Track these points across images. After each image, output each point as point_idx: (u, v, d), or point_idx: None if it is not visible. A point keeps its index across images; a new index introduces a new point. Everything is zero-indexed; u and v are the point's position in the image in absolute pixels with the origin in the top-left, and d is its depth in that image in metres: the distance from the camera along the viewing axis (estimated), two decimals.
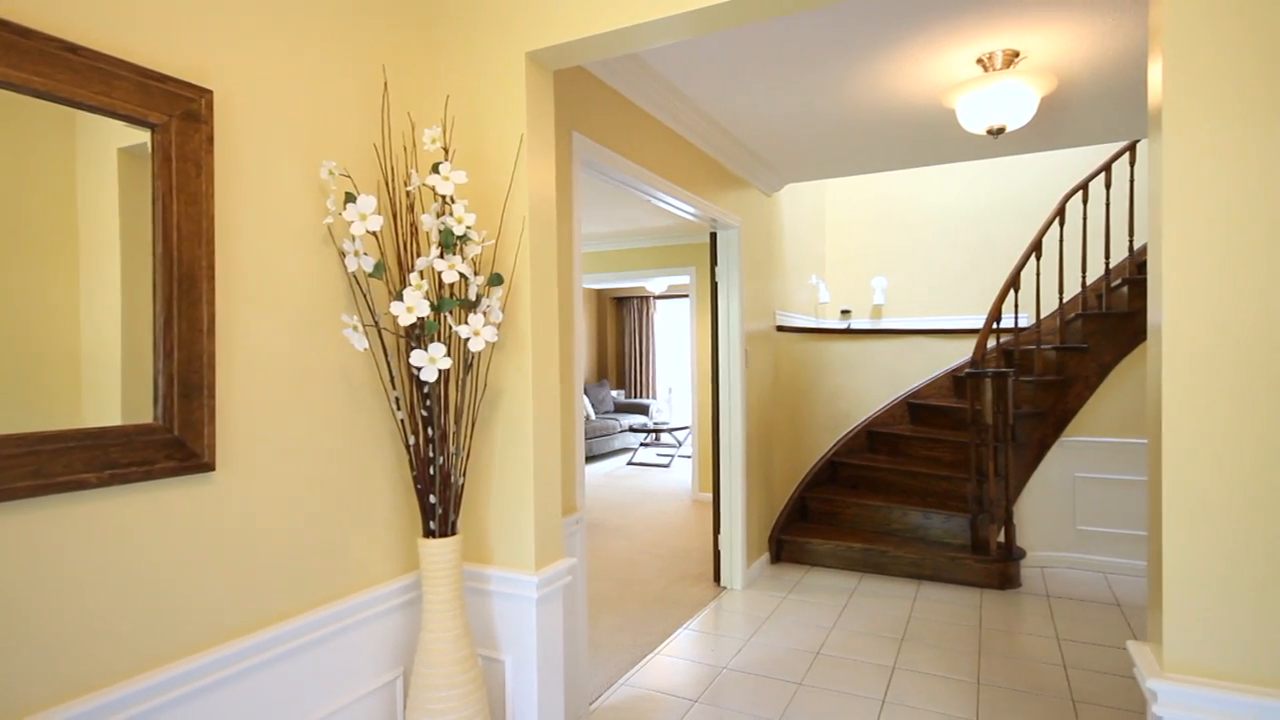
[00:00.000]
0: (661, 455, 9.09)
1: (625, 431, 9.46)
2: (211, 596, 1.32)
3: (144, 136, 1.21)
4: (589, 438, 8.68)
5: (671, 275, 6.73)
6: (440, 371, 1.58)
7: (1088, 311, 4.33)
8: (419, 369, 1.53)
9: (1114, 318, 4.25)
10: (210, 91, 1.29)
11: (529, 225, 1.74)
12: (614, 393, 10.60)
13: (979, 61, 2.65)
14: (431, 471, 1.60)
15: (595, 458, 9.09)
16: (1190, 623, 1.15)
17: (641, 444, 9.34)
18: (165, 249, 1.23)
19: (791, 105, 3.12)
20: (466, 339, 1.55)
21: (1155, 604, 1.22)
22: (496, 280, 1.63)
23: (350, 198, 1.49)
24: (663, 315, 10.90)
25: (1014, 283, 4.23)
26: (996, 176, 5.45)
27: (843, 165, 4.11)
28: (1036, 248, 4.29)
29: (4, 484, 1.02)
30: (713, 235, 3.99)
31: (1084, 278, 4.33)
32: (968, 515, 4.19)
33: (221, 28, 1.35)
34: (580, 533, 2.51)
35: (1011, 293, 5.12)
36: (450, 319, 1.62)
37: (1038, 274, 4.36)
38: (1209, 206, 1.14)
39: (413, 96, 1.79)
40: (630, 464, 8.66)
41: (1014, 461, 4.27)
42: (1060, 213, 4.33)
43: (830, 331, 5.45)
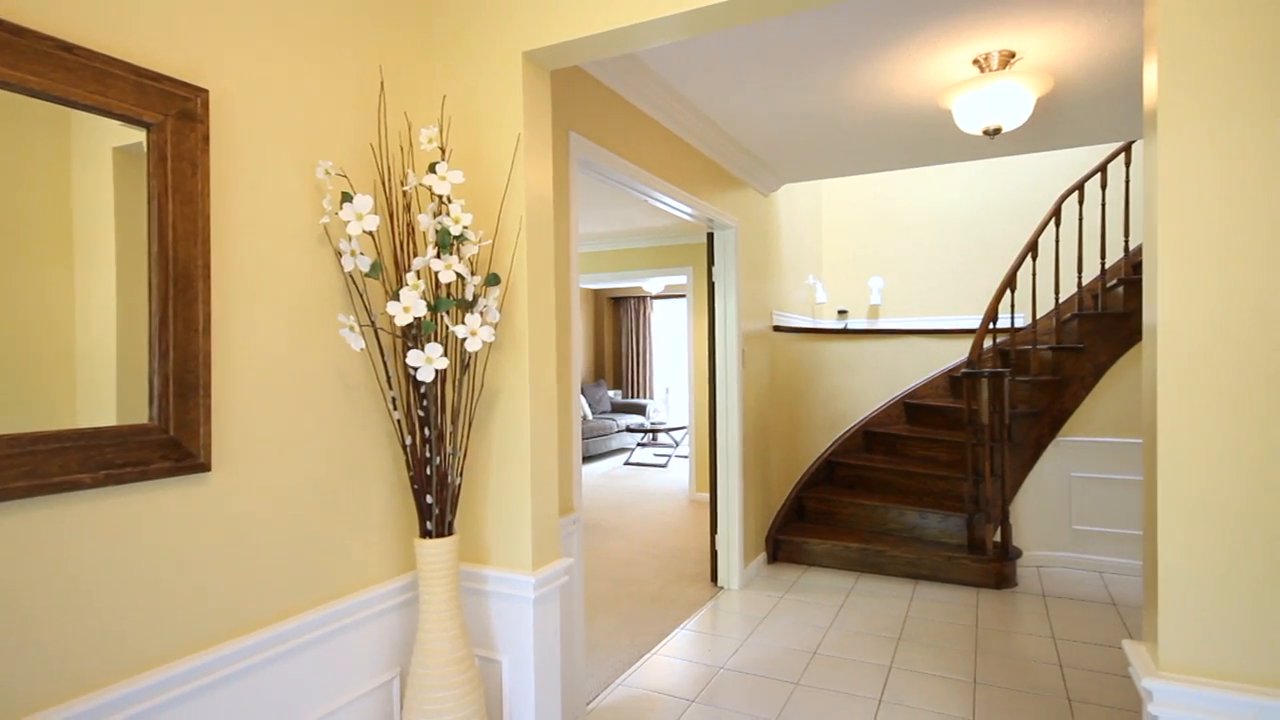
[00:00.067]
0: (659, 455, 9.09)
1: (622, 431, 9.46)
2: (208, 597, 1.31)
3: (139, 136, 1.21)
4: (586, 438, 8.68)
5: (668, 275, 6.74)
6: (437, 371, 1.58)
7: (1084, 312, 4.34)
8: (415, 369, 1.52)
9: (1109, 318, 4.27)
10: (206, 91, 1.29)
11: (526, 225, 1.74)
12: (611, 393, 10.60)
13: (975, 62, 2.66)
14: (428, 471, 1.60)
15: (592, 458, 9.09)
16: (1186, 622, 1.15)
17: (639, 444, 9.34)
18: (161, 248, 1.22)
19: (788, 105, 3.12)
20: (463, 339, 1.55)
21: (1151, 603, 1.23)
22: (493, 280, 1.63)
23: (347, 197, 1.48)
24: (660, 315, 10.90)
25: (1010, 283, 4.25)
26: (993, 177, 5.47)
27: (839, 166, 4.12)
28: (1033, 248, 4.31)
29: None
30: (710, 235, 3.99)
31: (1080, 278, 4.35)
32: (964, 515, 4.20)
33: (217, 27, 1.34)
34: (577, 533, 2.50)
35: (1008, 293, 5.13)
36: (447, 319, 1.62)
37: (1034, 274, 4.37)
38: (1204, 207, 1.14)
39: (409, 96, 1.79)
40: (627, 464, 8.66)
41: (1010, 461, 4.28)
42: (1056, 213, 4.35)
43: (827, 332, 5.46)
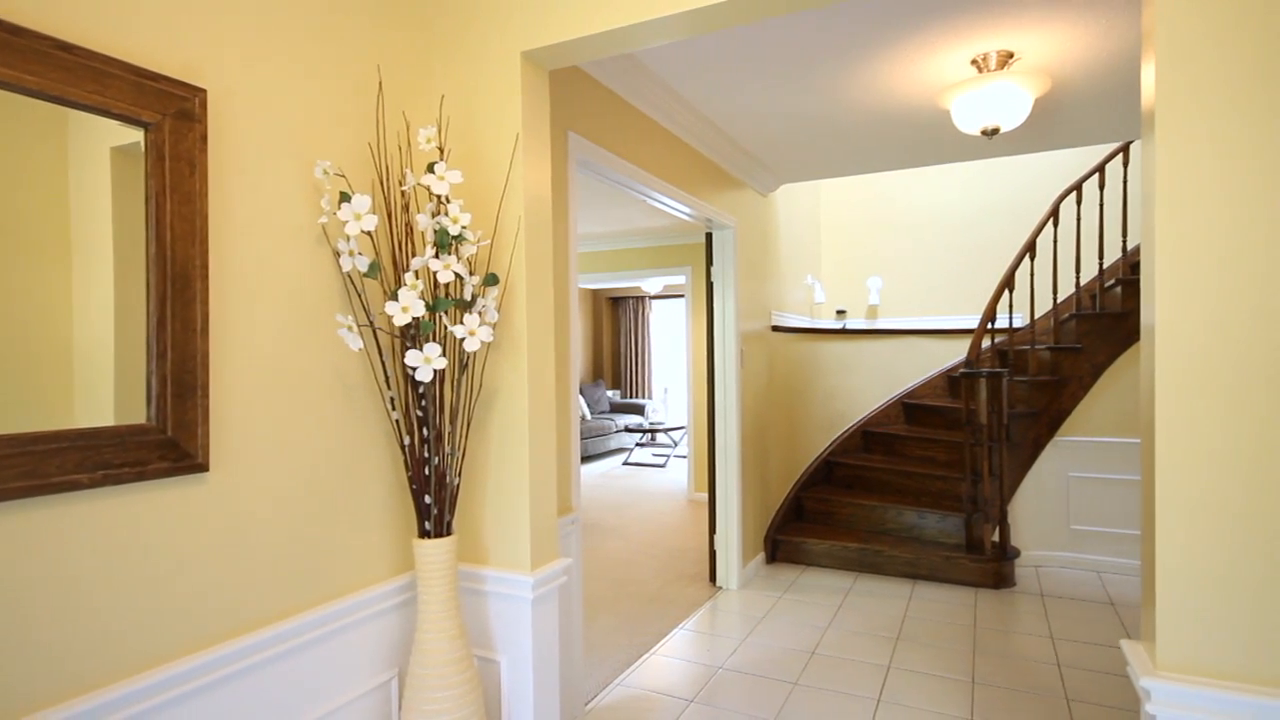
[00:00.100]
0: (657, 455, 9.09)
1: (621, 431, 9.46)
2: (206, 597, 1.31)
3: (137, 135, 1.20)
4: (584, 438, 8.68)
5: (667, 275, 6.73)
6: (435, 372, 1.58)
7: (1081, 312, 4.35)
8: (414, 369, 1.52)
9: (1107, 318, 4.27)
10: (204, 90, 1.29)
11: (524, 225, 1.74)
12: (610, 393, 10.60)
13: (974, 62, 2.66)
14: (427, 472, 1.60)
15: (591, 458, 9.09)
16: (1183, 622, 1.15)
17: (637, 444, 9.34)
18: (159, 248, 1.22)
19: (787, 105, 3.12)
20: (462, 339, 1.55)
21: (1148, 603, 1.23)
22: (492, 280, 1.63)
23: (345, 197, 1.48)
24: (658, 315, 10.90)
25: (1008, 283, 4.25)
26: (992, 177, 5.47)
27: (838, 166, 4.12)
28: (1031, 248, 4.31)
29: None
30: (708, 235, 3.99)
31: (1078, 278, 4.35)
32: (962, 515, 4.21)
33: (215, 27, 1.34)
34: (576, 533, 2.50)
35: (1006, 293, 5.14)
36: (445, 319, 1.62)
37: (1032, 274, 4.37)
38: (1203, 206, 1.14)
39: (408, 96, 1.79)
40: (626, 464, 8.66)
41: (1008, 461, 4.29)
42: (1054, 213, 4.35)
43: (826, 332, 5.46)
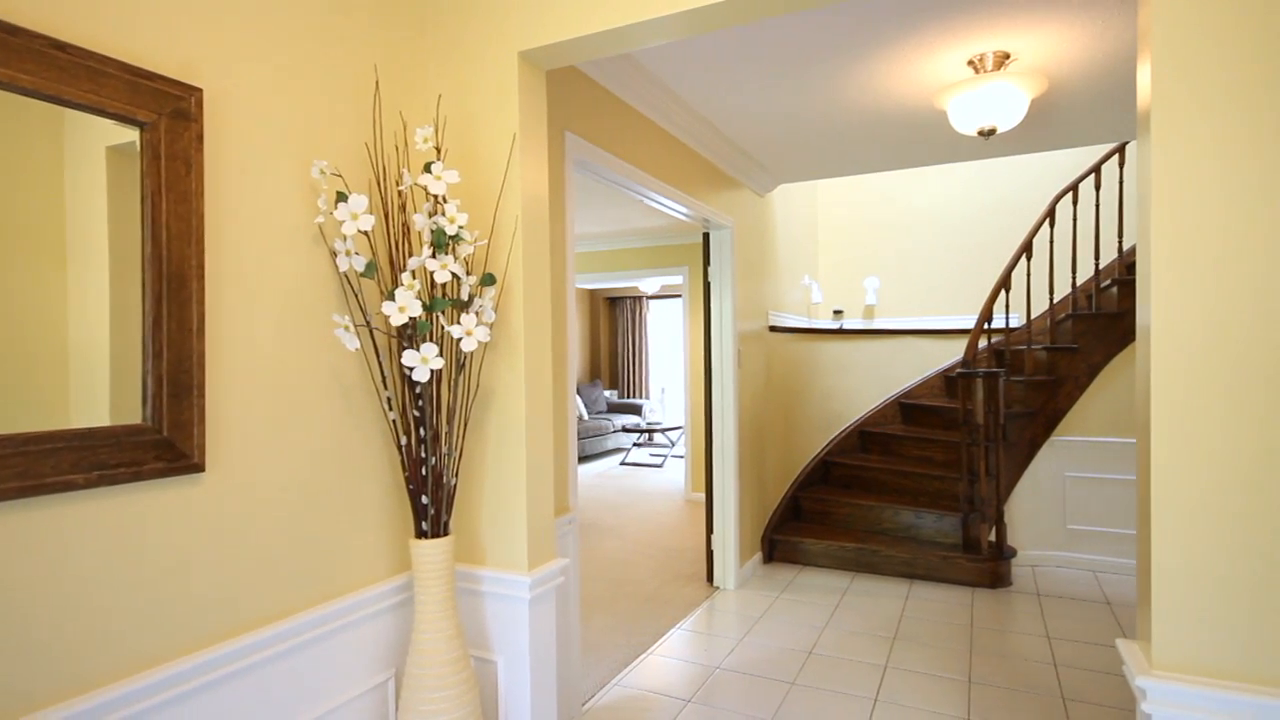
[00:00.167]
0: (655, 455, 9.09)
1: (618, 432, 9.46)
2: (202, 598, 1.31)
3: (133, 135, 1.20)
4: (582, 438, 8.67)
5: (664, 275, 6.74)
6: (432, 372, 1.58)
7: (1078, 312, 4.36)
8: (411, 369, 1.52)
9: (1103, 318, 4.29)
10: (200, 90, 1.28)
11: (521, 225, 1.74)
12: (607, 393, 10.60)
13: (970, 63, 2.67)
14: (424, 472, 1.59)
15: (588, 458, 9.08)
16: (1179, 621, 1.16)
17: (635, 444, 9.33)
18: (154, 248, 1.22)
19: (784, 105, 3.13)
20: (459, 339, 1.55)
21: (1144, 602, 1.23)
22: (489, 280, 1.63)
23: (342, 197, 1.48)
24: (656, 315, 10.90)
25: (1005, 283, 4.26)
26: (989, 178, 5.48)
27: (835, 166, 4.12)
28: (1027, 249, 4.32)
29: None
30: (705, 235, 3.99)
31: (1074, 278, 4.36)
32: (959, 514, 4.21)
33: (211, 26, 1.34)
34: (573, 533, 2.50)
35: (1002, 293, 5.15)
36: (442, 319, 1.62)
37: (1028, 275, 4.39)
38: (1198, 207, 1.15)
39: (405, 96, 1.79)
40: (623, 464, 8.66)
41: (1005, 461, 4.30)
42: (1050, 214, 4.36)
43: (823, 332, 5.47)
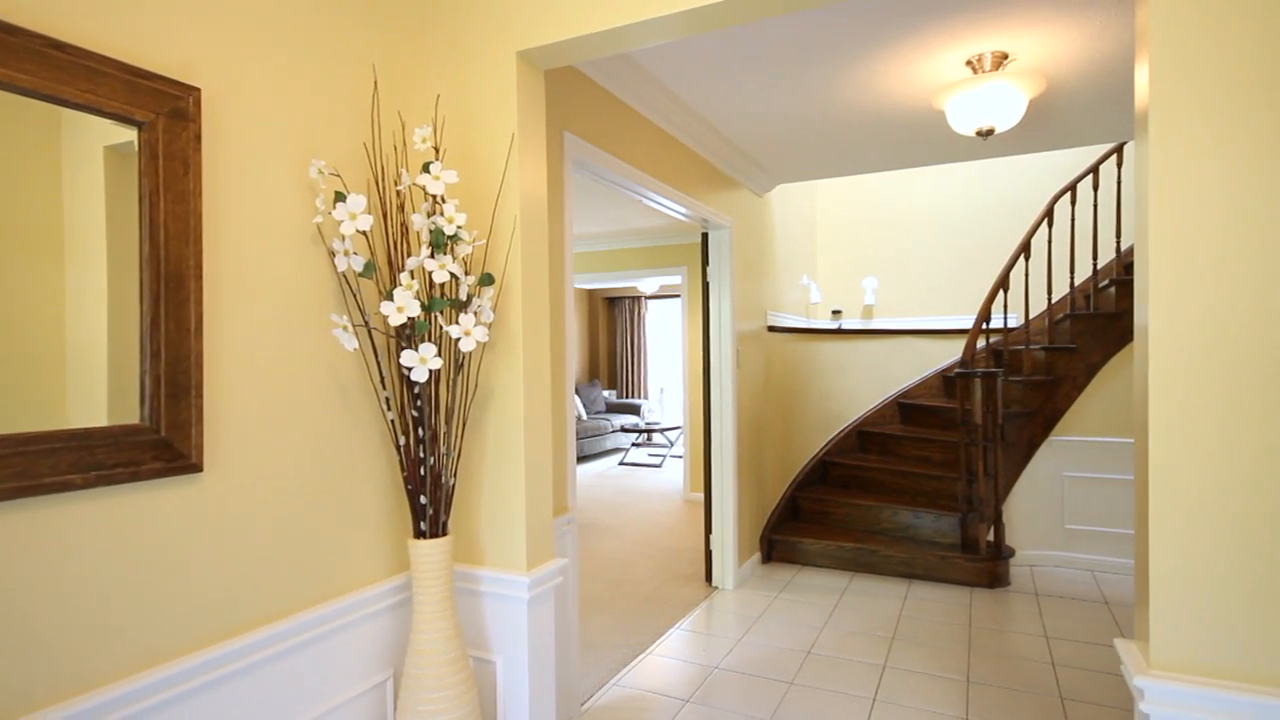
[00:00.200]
0: (653, 455, 9.09)
1: (617, 432, 9.45)
2: (200, 599, 1.31)
3: (131, 134, 1.20)
4: (580, 438, 8.67)
5: (663, 275, 6.74)
6: (431, 372, 1.58)
7: (1076, 312, 4.36)
8: (409, 369, 1.52)
9: (1101, 318, 4.29)
10: (198, 89, 1.28)
11: (520, 225, 1.74)
12: (605, 393, 10.59)
13: (968, 63, 2.67)
14: (422, 472, 1.59)
15: (587, 458, 9.08)
16: (1177, 621, 1.16)
17: (633, 444, 9.33)
18: (152, 248, 1.22)
19: (783, 105, 3.13)
20: (457, 339, 1.55)
21: (1142, 602, 1.24)
22: (487, 280, 1.63)
23: (340, 197, 1.48)
24: (654, 315, 10.90)
25: (1003, 283, 4.26)
26: (987, 178, 5.48)
27: (833, 166, 4.12)
28: (1025, 249, 4.32)
29: None
30: (704, 235, 3.99)
31: (1072, 278, 4.36)
32: (957, 514, 4.22)
33: (210, 26, 1.34)
34: (572, 533, 2.50)
35: (1001, 293, 5.16)
36: (441, 319, 1.61)
37: (1026, 275, 4.39)
38: (1196, 207, 1.15)
39: (403, 95, 1.79)
40: (622, 464, 8.66)
41: (1003, 461, 4.30)
42: (1049, 214, 4.37)
43: (821, 332, 5.47)
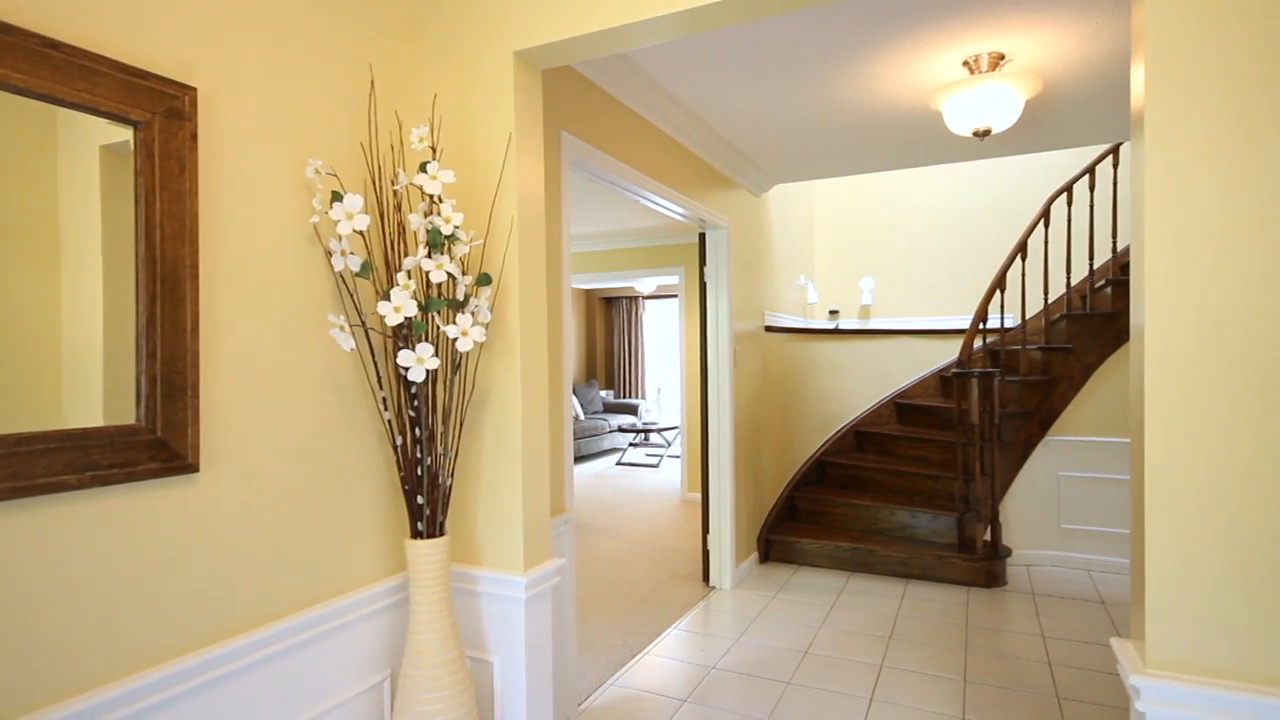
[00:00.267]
0: (650, 455, 9.09)
1: (614, 432, 9.45)
2: (197, 599, 1.30)
3: (126, 134, 1.20)
4: (578, 438, 8.67)
5: (660, 275, 6.74)
6: (428, 372, 1.58)
7: (1072, 312, 4.37)
8: (406, 369, 1.52)
9: (1098, 318, 4.30)
10: (194, 89, 1.28)
11: (517, 225, 1.73)
12: (603, 393, 10.59)
13: (965, 64, 2.67)
14: (419, 472, 1.59)
15: (584, 458, 9.08)
16: (1172, 620, 1.16)
17: (630, 444, 9.33)
18: (148, 248, 1.21)
19: (780, 106, 3.13)
20: (454, 339, 1.54)
21: (1138, 601, 1.24)
22: (485, 280, 1.63)
23: (337, 196, 1.48)
24: (652, 315, 10.90)
25: (1000, 284, 4.27)
26: (985, 179, 5.50)
27: (830, 166, 4.13)
28: (1022, 249, 4.33)
29: None
30: (701, 235, 4.00)
31: (1068, 279, 4.37)
32: (954, 514, 4.22)
33: (205, 24, 1.33)
34: (569, 533, 2.50)
35: (997, 293, 5.16)
36: (438, 319, 1.61)
37: (1023, 275, 4.40)
38: (1192, 207, 1.15)
39: (400, 95, 1.78)
40: (619, 464, 8.66)
41: (1000, 461, 4.31)
42: (1045, 214, 4.38)
43: (818, 332, 5.48)
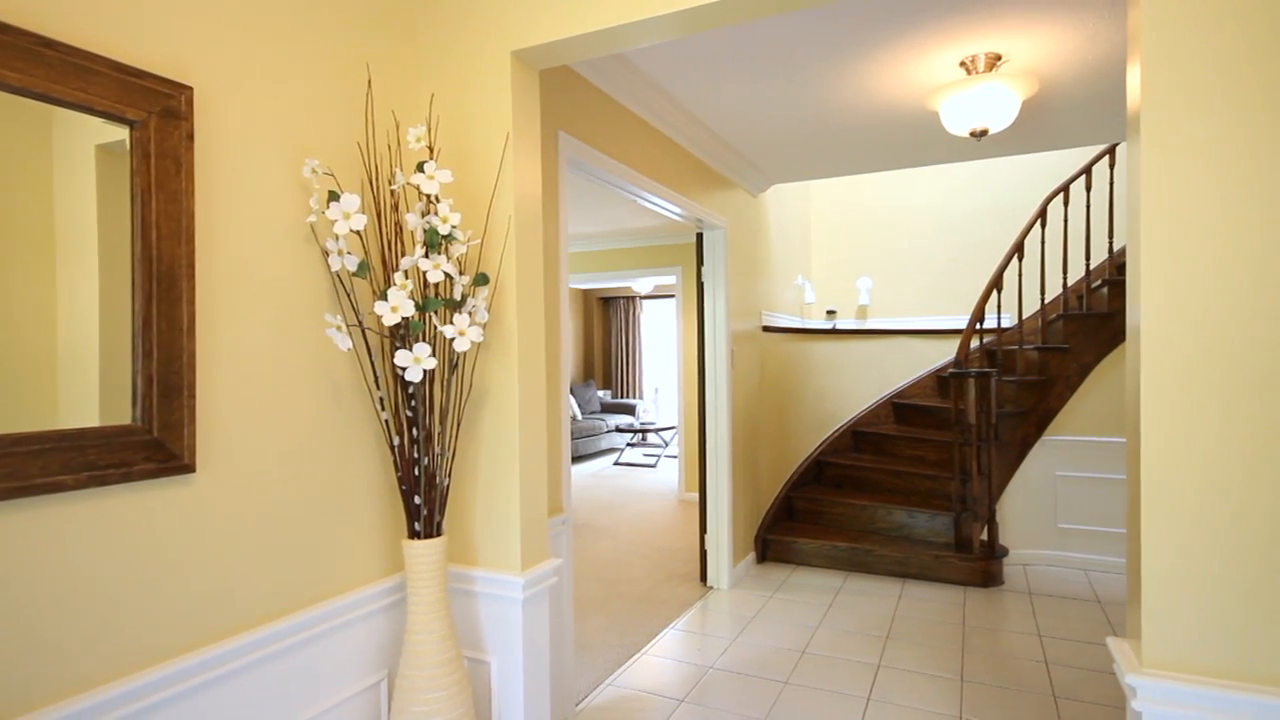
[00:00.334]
0: (648, 455, 9.09)
1: (612, 432, 9.45)
2: (193, 600, 1.30)
3: (122, 133, 1.19)
4: (575, 438, 8.66)
5: (658, 275, 6.74)
6: (425, 372, 1.57)
7: (1069, 312, 4.38)
8: (403, 369, 1.52)
9: (1094, 318, 4.31)
10: (190, 88, 1.27)
11: (515, 225, 1.73)
12: (600, 393, 10.59)
13: (962, 64, 2.68)
14: (416, 472, 1.59)
15: (581, 458, 9.07)
16: (1169, 619, 1.16)
17: (628, 444, 9.33)
18: (144, 247, 1.21)
19: (777, 106, 3.13)
20: (451, 339, 1.54)
21: (1134, 601, 1.24)
22: (482, 280, 1.63)
23: (334, 196, 1.47)
24: (649, 315, 10.90)
25: (997, 284, 4.28)
26: (982, 179, 5.51)
27: (828, 166, 4.13)
28: (1019, 249, 4.34)
29: None
30: (699, 235, 4.00)
31: (1065, 279, 4.38)
32: (951, 514, 4.23)
33: (202, 24, 1.33)
34: (566, 533, 2.50)
35: (994, 293, 5.17)
36: (435, 319, 1.61)
37: (1020, 275, 4.41)
38: (1189, 207, 1.15)
39: (397, 95, 1.78)
40: (617, 464, 8.65)
41: (997, 460, 4.32)
42: (1042, 215, 4.38)
43: (816, 332, 5.48)
